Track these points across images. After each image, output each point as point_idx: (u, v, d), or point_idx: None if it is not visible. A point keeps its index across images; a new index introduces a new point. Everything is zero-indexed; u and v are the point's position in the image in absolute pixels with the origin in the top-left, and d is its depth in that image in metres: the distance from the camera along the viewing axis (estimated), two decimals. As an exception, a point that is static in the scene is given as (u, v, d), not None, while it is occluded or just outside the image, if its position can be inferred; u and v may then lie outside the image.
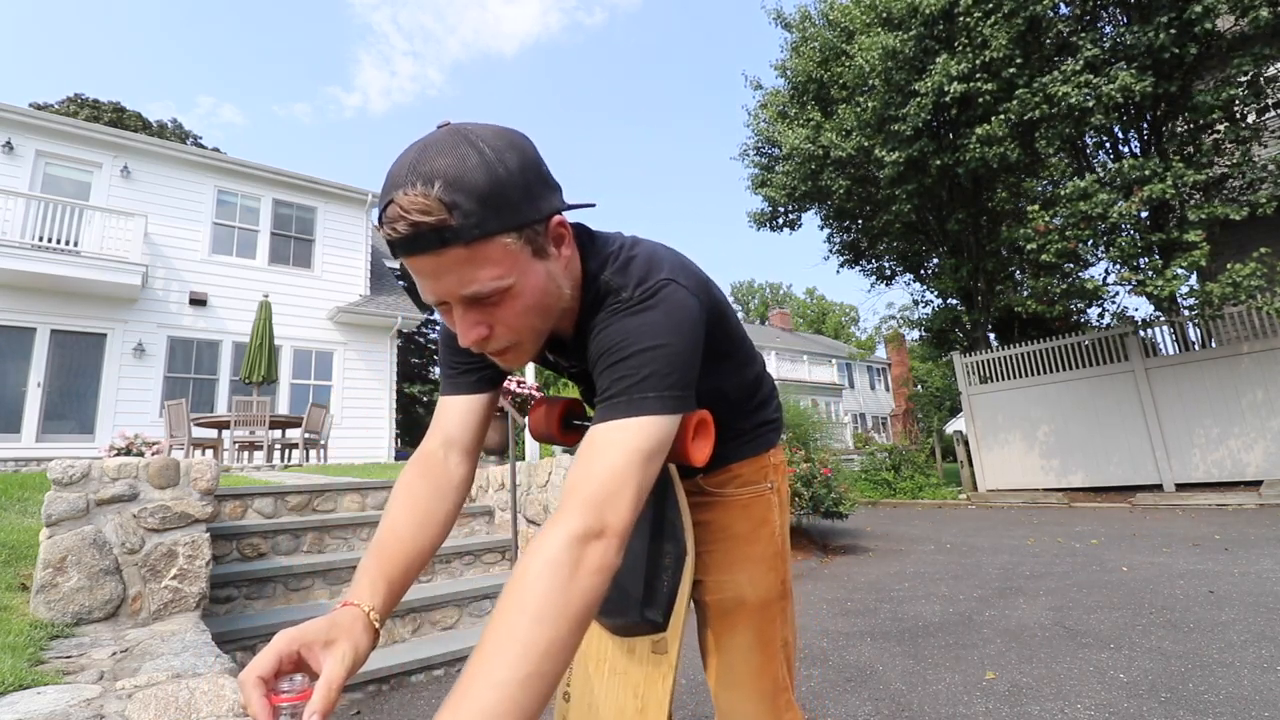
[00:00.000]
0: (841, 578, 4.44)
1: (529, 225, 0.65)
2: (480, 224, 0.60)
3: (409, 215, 0.59)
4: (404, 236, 0.60)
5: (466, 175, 0.60)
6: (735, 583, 0.93)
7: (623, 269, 0.75)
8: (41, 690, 1.50)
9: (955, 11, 8.08)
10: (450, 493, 0.80)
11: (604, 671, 0.87)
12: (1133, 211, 7.27)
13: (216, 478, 2.58)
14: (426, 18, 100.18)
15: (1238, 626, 2.76)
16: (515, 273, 0.65)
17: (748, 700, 0.89)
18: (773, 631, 0.92)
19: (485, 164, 0.61)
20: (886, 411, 31.44)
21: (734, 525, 0.95)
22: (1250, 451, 7.44)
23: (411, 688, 2.66)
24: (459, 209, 0.59)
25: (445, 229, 0.59)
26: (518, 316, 0.68)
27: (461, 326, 0.66)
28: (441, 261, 0.61)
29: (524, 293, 0.66)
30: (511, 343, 0.70)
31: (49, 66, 63.59)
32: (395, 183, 0.60)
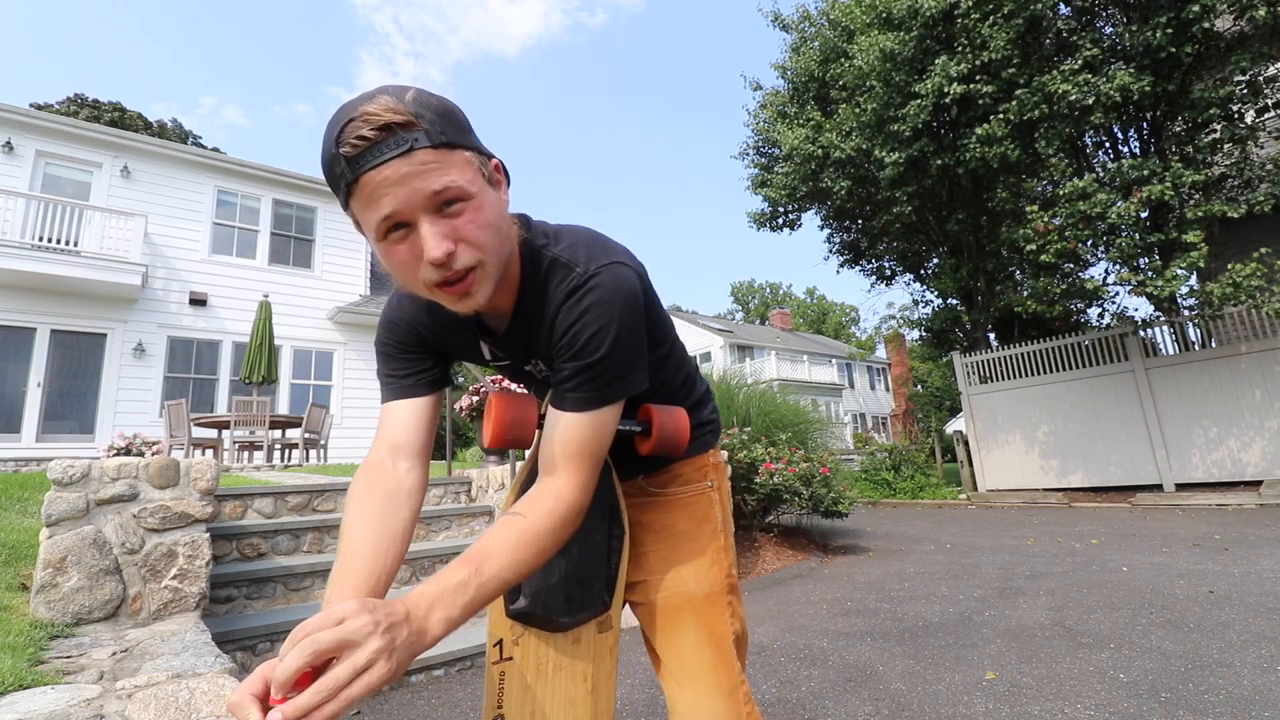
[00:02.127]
0: (841, 578, 4.44)
1: (480, 151, 0.69)
2: (444, 133, 0.64)
3: (379, 116, 0.60)
4: (372, 142, 0.60)
5: (423, 97, 0.64)
6: (680, 579, 0.93)
7: (570, 248, 0.77)
8: (41, 690, 1.50)
9: (955, 13, 8.09)
10: (404, 502, 0.78)
11: (546, 673, 0.86)
12: (1132, 211, 7.27)
13: (216, 478, 2.58)
14: (428, 18, 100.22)
15: (1238, 626, 2.76)
16: (477, 187, 0.67)
17: (706, 697, 0.87)
18: (723, 626, 0.92)
19: (435, 96, 0.66)
20: (886, 411, 31.43)
21: (677, 524, 0.96)
22: (1250, 451, 7.44)
23: (411, 688, 2.66)
24: (424, 118, 0.63)
25: (414, 129, 0.62)
26: (480, 229, 0.67)
27: (432, 238, 0.64)
28: (410, 163, 0.61)
29: (484, 206, 0.68)
30: (475, 260, 0.68)
31: (49, 67, 63.62)
32: (354, 104, 0.62)
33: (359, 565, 0.69)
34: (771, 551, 5.13)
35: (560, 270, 0.76)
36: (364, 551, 0.70)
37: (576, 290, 0.74)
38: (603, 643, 0.89)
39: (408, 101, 0.62)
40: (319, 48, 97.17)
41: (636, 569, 0.96)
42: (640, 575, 0.95)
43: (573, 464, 0.75)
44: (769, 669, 2.65)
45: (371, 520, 0.74)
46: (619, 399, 0.78)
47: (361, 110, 0.60)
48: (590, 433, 0.76)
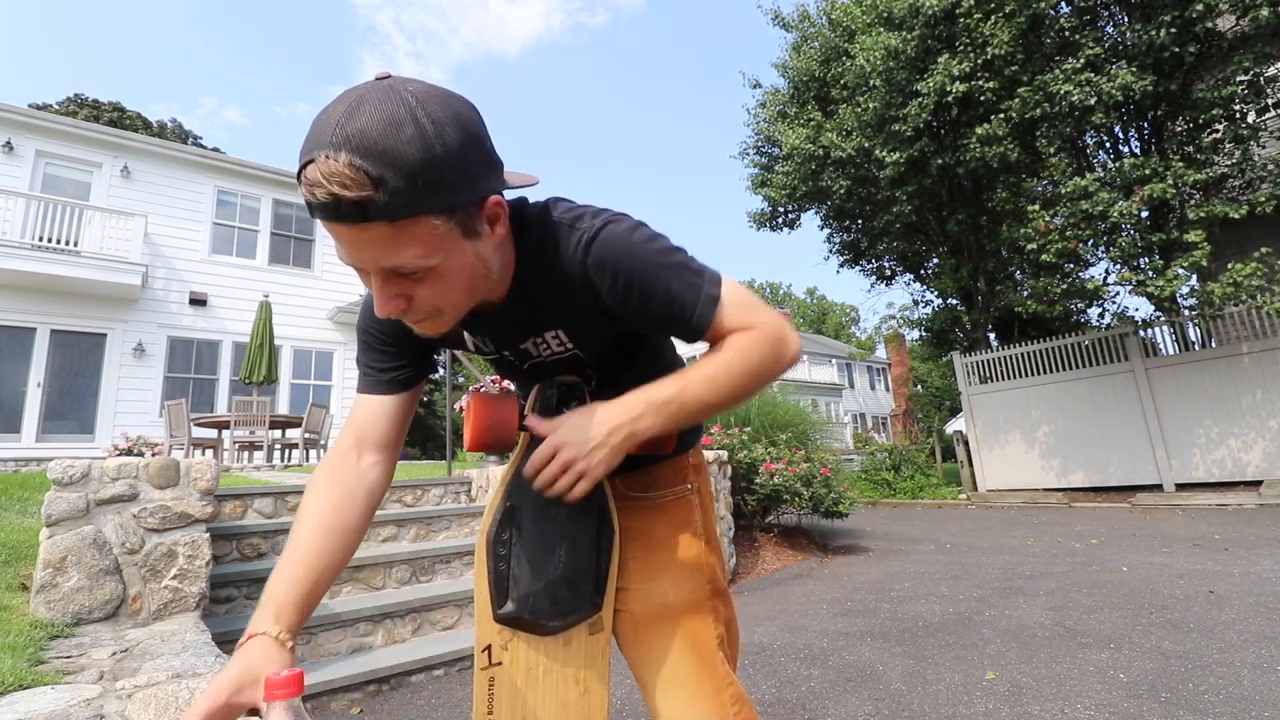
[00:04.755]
0: (841, 578, 4.44)
1: (461, 207, 0.61)
2: (408, 204, 0.56)
3: (327, 184, 0.53)
4: (321, 204, 0.55)
5: (399, 149, 0.54)
6: (660, 589, 0.90)
7: (567, 212, 0.75)
8: (41, 690, 1.50)
9: (957, 11, 8.08)
10: (362, 497, 0.77)
11: (537, 677, 0.85)
12: (1133, 211, 7.26)
13: (216, 478, 2.58)
14: (429, 19, 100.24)
15: (1238, 626, 2.76)
16: (441, 253, 0.61)
17: (691, 704, 0.85)
18: (706, 633, 0.90)
19: (421, 138, 0.55)
20: (886, 411, 31.43)
21: (655, 531, 0.94)
22: (1250, 451, 7.44)
23: (412, 687, 2.67)
24: (385, 185, 0.54)
25: (368, 204, 0.54)
26: (438, 295, 0.65)
27: (380, 297, 0.63)
28: (361, 235, 0.57)
29: (449, 273, 0.63)
30: (431, 313, 0.67)
31: (49, 67, 63.62)
32: (318, 141, 0.54)
33: (302, 559, 0.70)
34: (771, 551, 5.13)
35: (562, 234, 0.74)
36: (312, 545, 0.71)
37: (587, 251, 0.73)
38: (594, 644, 0.88)
39: (375, 161, 0.53)
40: (320, 48, 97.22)
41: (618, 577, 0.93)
42: (621, 583, 0.92)
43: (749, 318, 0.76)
44: (769, 669, 2.65)
45: (325, 514, 0.74)
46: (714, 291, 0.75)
47: (318, 161, 0.53)
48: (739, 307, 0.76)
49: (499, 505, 0.85)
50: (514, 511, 0.84)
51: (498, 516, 0.84)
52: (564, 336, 0.82)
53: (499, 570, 0.83)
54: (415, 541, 3.69)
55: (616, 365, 0.88)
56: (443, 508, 3.96)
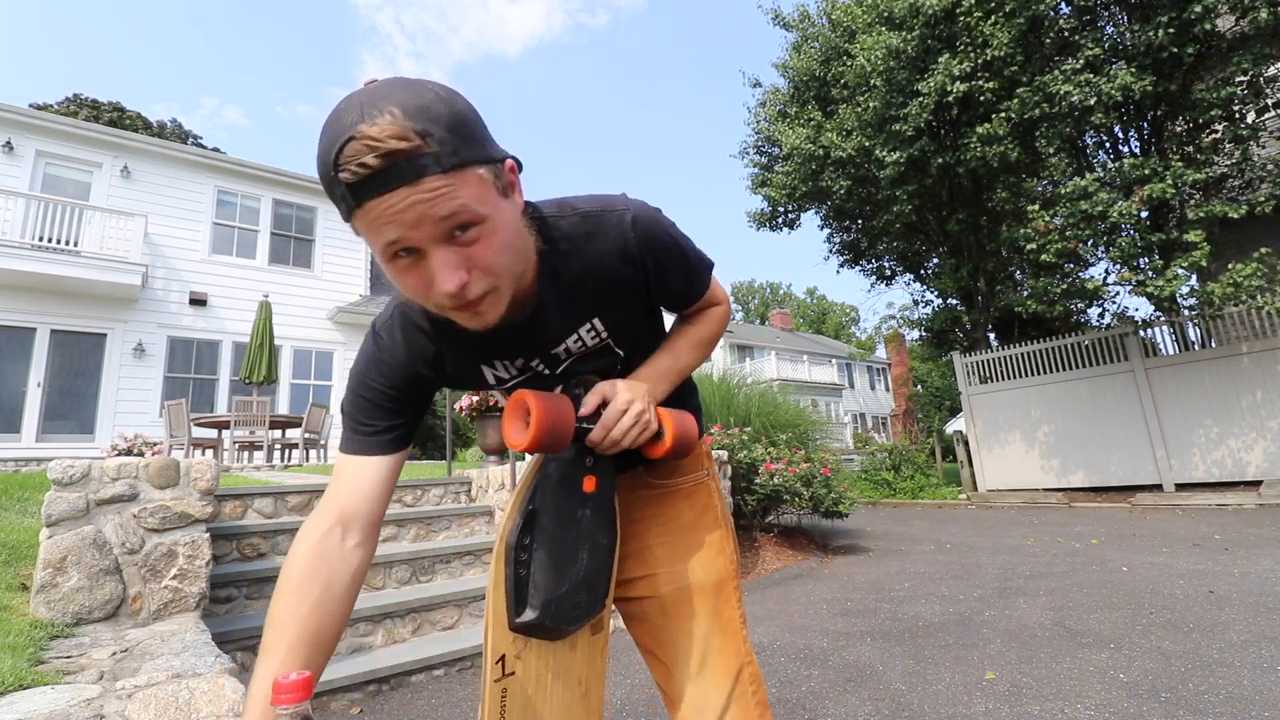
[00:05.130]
0: (841, 578, 4.44)
1: (493, 161, 0.62)
2: (455, 152, 0.58)
3: (382, 144, 0.54)
4: (375, 170, 0.54)
5: (431, 106, 0.57)
6: (689, 570, 0.93)
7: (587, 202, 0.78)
8: (41, 690, 1.50)
9: (957, 11, 8.09)
10: (344, 594, 0.71)
11: (545, 684, 0.85)
12: (1133, 211, 7.26)
13: (216, 478, 2.58)
14: (430, 18, 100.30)
15: (1238, 626, 2.76)
16: (490, 204, 0.61)
17: (715, 682, 0.87)
18: (730, 611, 0.93)
19: (442, 99, 0.58)
20: (886, 411, 31.44)
21: (681, 515, 0.97)
22: (1250, 451, 7.44)
23: (412, 687, 2.67)
24: (432, 136, 0.56)
25: (422, 155, 0.55)
26: (495, 254, 0.63)
27: (443, 270, 0.61)
28: (418, 192, 0.56)
29: (500, 228, 0.63)
30: (490, 287, 0.65)
31: (49, 67, 63.63)
32: (351, 120, 0.55)
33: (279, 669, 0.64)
34: (771, 551, 5.13)
35: (595, 219, 0.76)
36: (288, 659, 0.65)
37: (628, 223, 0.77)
38: (595, 644, 0.89)
39: (413, 118, 0.55)
40: (320, 48, 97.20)
41: (642, 564, 0.95)
42: (647, 570, 0.95)
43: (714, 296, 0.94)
44: (769, 669, 2.65)
45: (304, 619, 0.68)
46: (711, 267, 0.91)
47: (363, 131, 0.54)
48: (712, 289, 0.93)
49: (520, 510, 0.82)
50: (535, 516, 0.81)
51: (519, 522, 0.81)
52: (599, 326, 0.82)
53: (519, 577, 0.80)
54: (415, 541, 3.69)
55: (638, 352, 0.90)
56: (443, 508, 3.96)
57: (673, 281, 0.85)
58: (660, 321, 0.97)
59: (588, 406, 0.78)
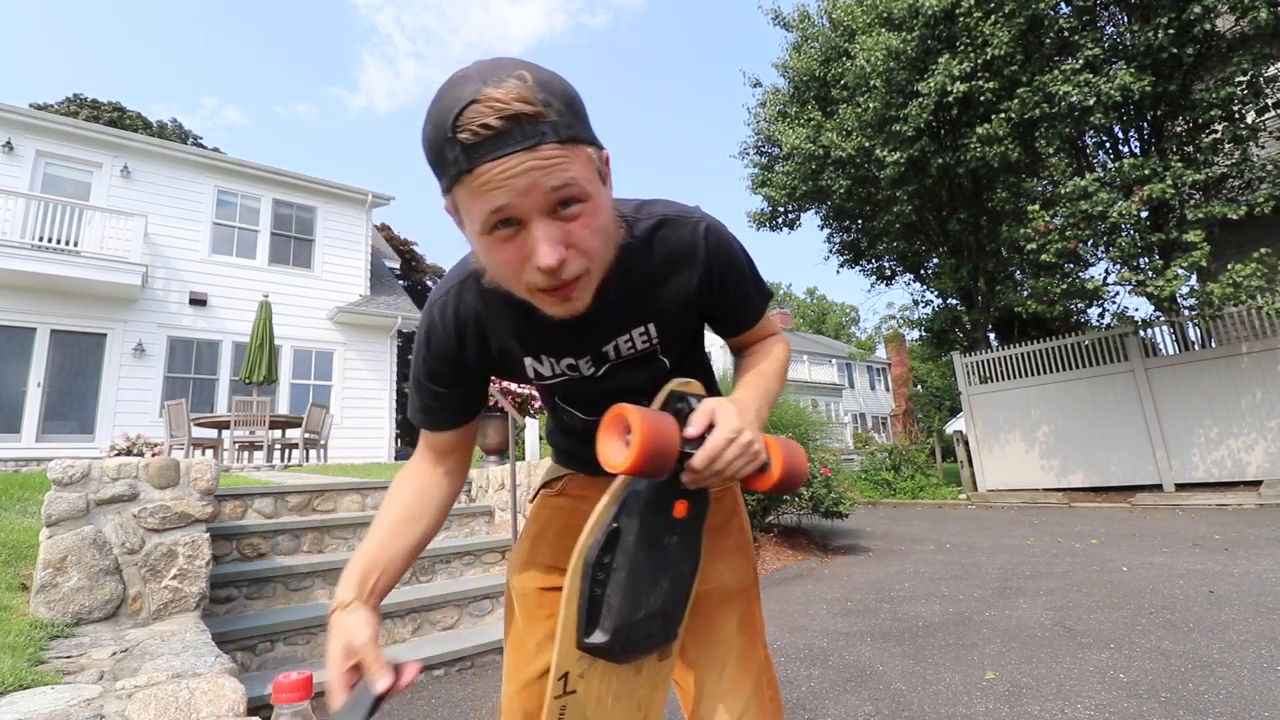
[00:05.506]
0: (841, 578, 4.44)
1: (598, 145, 0.65)
2: (571, 125, 0.59)
3: (508, 105, 0.55)
4: (496, 131, 0.55)
5: (550, 80, 0.59)
6: (718, 573, 0.94)
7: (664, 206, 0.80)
8: (41, 690, 1.50)
9: (957, 12, 8.09)
10: (436, 493, 0.85)
11: (606, 705, 0.83)
12: (1133, 211, 7.26)
13: (216, 478, 2.58)
14: (430, 19, 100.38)
15: (1238, 626, 2.76)
16: (595, 183, 0.63)
17: (735, 684, 0.89)
18: (753, 615, 0.95)
19: (558, 77, 0.61)
20: (886, 411, 31.44)
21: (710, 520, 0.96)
22: (1250, 451, 7.44)
23: (412, 687, 2.66)
24: (552, 107, 0.58)
25: (543, 121, 0.57)
26: (593, 235, 0.64)
27: (545, 243, 0.60)
28: (535, 158, 0.57)
29: (600, 209, 0.64)
30: (584, 269, 0.65)
31: (49, 67, 63.62)
32: (473, 87, 0.56)
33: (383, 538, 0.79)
34: (771, 551, 5.13)
35: (670, 224, 0.78)
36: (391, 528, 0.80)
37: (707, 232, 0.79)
38: (660, 670, 0.86)
39: (536, 87, 0.57)
40: (320, 48, 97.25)
41: None
42: None
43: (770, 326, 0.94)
44: (769, 669, 2.64)
45: (403, 503, 0.82)
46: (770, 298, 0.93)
47: (487, 94, 0.55)
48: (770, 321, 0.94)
49: (603, 526, 0.76)
50: (618, 535, 0.76)
51: (600, 538, 0.75)
52: (652, 331, 0.82)
53: (594, 595, 0.76)
54: (415, 541, 3.68)
55: (682, 358, 0.90)
56: (443, 508, 3.96)
57: (734, 298, 0.85)
58: (703, 346, 0.97)
59: (695, 426, 0.70)
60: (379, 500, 3.89)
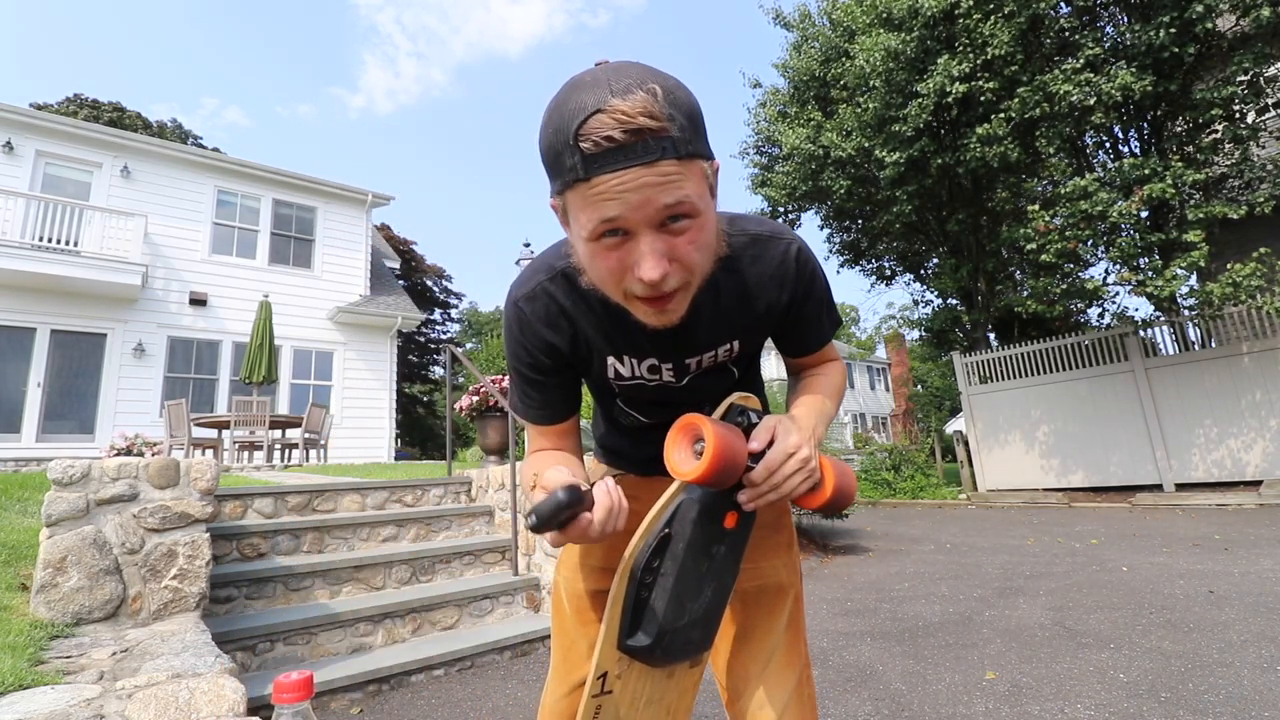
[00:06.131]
0: (841, 578, 4.44)
1: (711, 159, 0.65)
2: (691, 141, 0.60)
3: (633, 120, 0.55)
4: (618, 145, 0.56)
5: (677, 92, 0.59)
6: (774, 568, 0.96)
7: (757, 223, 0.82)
8: (41, 690, 1.50)
9: (956, 12, 8.09)
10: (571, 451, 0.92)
11: (638, 707, 0.85)
12: (1133, 211, 7.26)
13: (216, 478, 2.58)
14: (431, 19, 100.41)
15: (1238, 626, 2.76)
16: (705, 198, 0.63)
17: (782, 680, 0.91)
18: (800, 612, 0.98)
19: (683, 86, 0.61)
20: (886, 411, 31.43)
21: (762, 515, 0.96)
22: (1250, 451, 7.44)
23: (412, 687, 2.67)
24: (675, 122, 0.58)
25: (665, 137, 0.57)
26: (697, 250, 0.65)
27: (651, 256, 0.61)
28: (652, 174, 0.57)
29: (706, 226, 0.65)
30: (683, 281, 0.66)
31: (49, 67, 63.62)
32: (599, 95, 0.57)
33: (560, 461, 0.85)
34: (771, 551, 5.13)
35: (764, 242, 0.80)
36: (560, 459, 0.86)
37: (799, 253, 0.81)
38: (690, 676, 0.88)
39: (664, 102, 0.57)
40: (321, 48, 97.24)
41: None
42: None
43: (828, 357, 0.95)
44: (769, 669, 2.65)
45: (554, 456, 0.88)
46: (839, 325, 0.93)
47: (613, 105, 0.55)
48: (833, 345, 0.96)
49: (655, 531, 0.78)
50: (669, 541, 0.77)
51: (651, 543, 0.77)
52: (735, 346, 0.84)
53: (639, 598, 0.77)
54: (415, 541, 3.69)
55: (746, 379, 0.94)
56: (443, 508, 3.96)
57: (810, 321, 0.87)
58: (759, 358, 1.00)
59: (758, 441, 0.72)
60: (379, 500, 3.90)
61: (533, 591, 3.48)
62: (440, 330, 31.24)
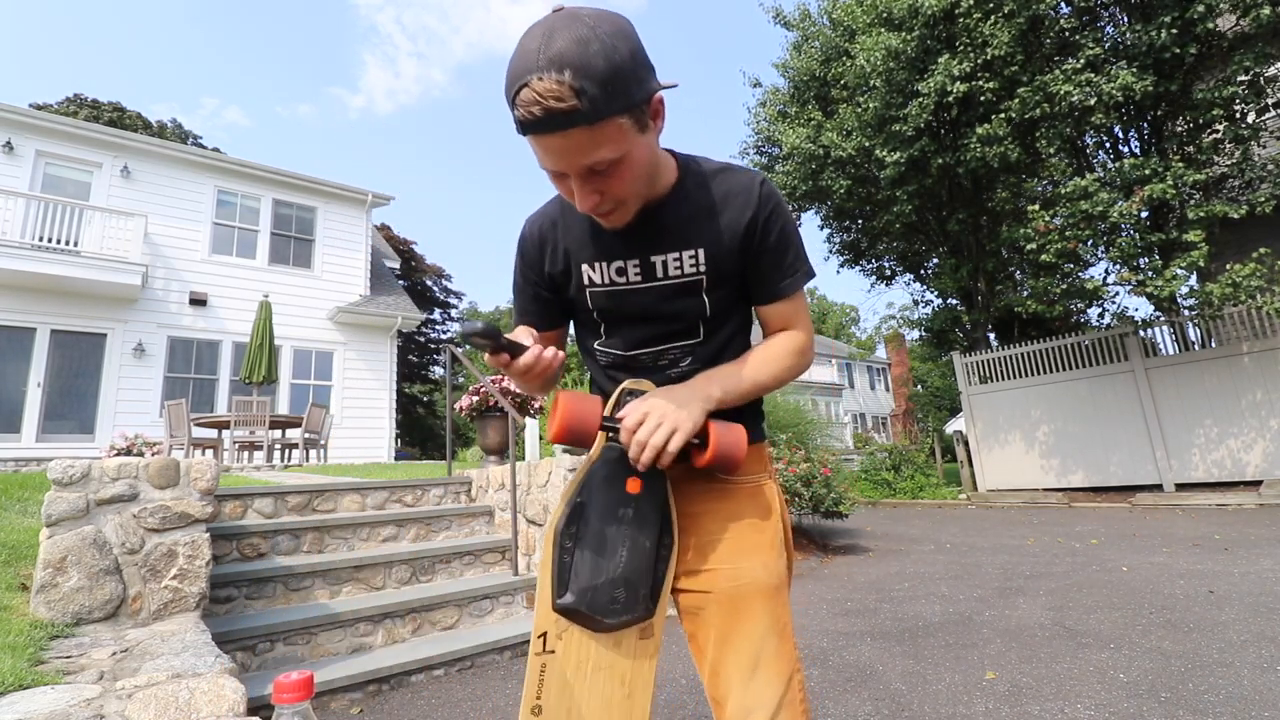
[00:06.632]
0: (841, 578, 4.44)
1: (637, 105, 0.74)
2: (602, 108, 0.69)
3: (544, 101, 0.67)
4: (537, 119, 0.68)
5: (590, 62, 0.67)
6: (750, 568, 0.92)
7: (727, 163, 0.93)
8: (41, 690, 1.50)
9: (956, 12, 8.08)
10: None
11: (585, 672, 0.88)
12: (1133, 211, 7.26)
13: (216, 478, 2.58)
14: (431, 19, 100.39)
15: (1238, 626, 2.76)
16: (626, 145, 0.75)
17: (770, 685, 0.87)
18: (786, 614, 0.93)
19: (604, 51, 0.68)
20: (886, 411, 31.45)
21: (744, 513, 0.96)
22: (1250, 451, 7.44)
23: (412, 687, 2.67)
24: (585, 94, 0.67)
25: (574, 113, 0.67)
26: (626, 184, 0.79)
27: (580, 194, 0.78)
28: (567, 140, 0.71)
29: (633, 163, 0.77)
30: (618, 203, 0.81)
31: (49, 67, 63.62)
32: (526, 68, 0.67)
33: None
34: (771, 551, 5.13)
35: (731, 170, 0.90)
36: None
37: (763, 183, 0.89)
38: (643, 649, 0.89)
39: (576, 75, 0.66)
40: (321, 48, 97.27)
41: (701, 558, 0.94)
42: (706, 564, 0.94)
43: (799, 321, 0.96)
44: (769, 669, 2.64)
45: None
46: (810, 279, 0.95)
47: (533, 84, 0.66)
48: (803, 300, 0.96)
49: (570, 499, 0.89)
50: (583, 508, 0.88)
51: (566, 510, 0.89)
52: (701, 258, 0.90)
53: (562, 561, 0.87)
54: (415, 541, 3.69)
55: (722, 318, 0.96)
56: (443, 508, 3.96)
57: (774, 251, 0.90)
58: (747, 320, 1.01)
59: (622, 409, 0.85)
60: (379, 500, 3.90)
61: (532, 592, 3.48)
62: (440, 330, 31.24)
